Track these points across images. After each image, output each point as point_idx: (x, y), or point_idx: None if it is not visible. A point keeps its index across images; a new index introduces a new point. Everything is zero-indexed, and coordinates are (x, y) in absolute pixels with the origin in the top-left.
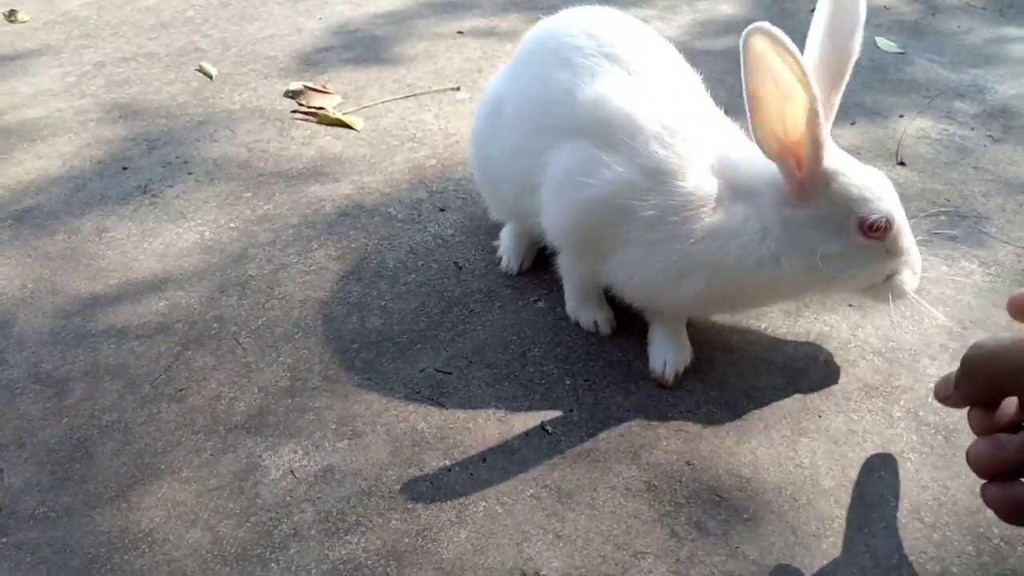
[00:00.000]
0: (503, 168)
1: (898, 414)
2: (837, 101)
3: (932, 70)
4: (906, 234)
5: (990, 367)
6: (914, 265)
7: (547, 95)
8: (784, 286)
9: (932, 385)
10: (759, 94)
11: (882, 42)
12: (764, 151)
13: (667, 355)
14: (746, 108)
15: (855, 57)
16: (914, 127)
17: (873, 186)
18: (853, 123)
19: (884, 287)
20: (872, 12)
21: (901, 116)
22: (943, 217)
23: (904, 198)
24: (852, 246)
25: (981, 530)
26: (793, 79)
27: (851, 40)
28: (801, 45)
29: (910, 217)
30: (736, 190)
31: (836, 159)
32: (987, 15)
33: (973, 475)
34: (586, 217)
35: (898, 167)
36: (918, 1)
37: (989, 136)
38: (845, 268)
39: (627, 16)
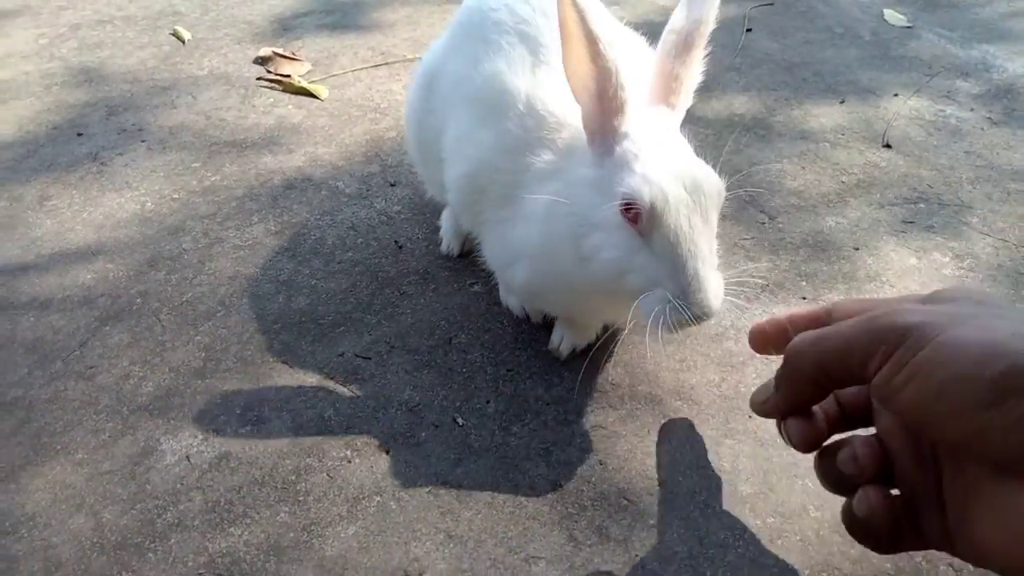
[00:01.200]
0: (433, 145)
1: None
2: (689, 72)
3: (939, 46)
4: (682, 243)
5: (815, 351)
6: (688, 295)
7: (461, 69)
8: (571, 271)
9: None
10: (564, 25)
11: (889, 14)
12: (571, 88)
13: (566, 330)
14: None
15: (709, 27)
16: (908, 107)
17: (654, 165)
18: (842, 101)
19: (653, 300)
20: None
21: (895, 95)
22: (922, 205)
23: (883, 184)
24: (611, 222)
25: None
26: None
27: (704, 7)
28: (801, 19)
29: (886, 204)
30: (565, 157)
31: (640, 122)
32: None
33: None
34: (458, 193)
35: (883, 149)
36: None
37: (988, 118)
38: (601, 248)
39: None
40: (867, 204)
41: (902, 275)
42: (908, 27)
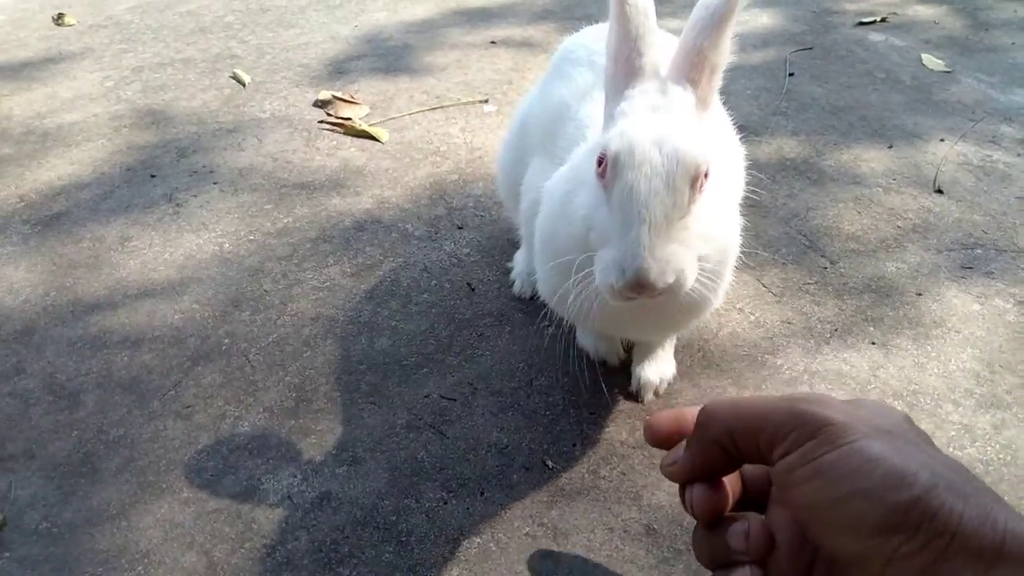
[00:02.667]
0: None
1: None
2: (716, 49)
3: (979, 90)
4: (632, 201)
5: (726, 416)
6: (621, 252)
7: (539, 108)
8: (566, 241)
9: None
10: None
11: (928, 59)
12: (606, 55)
13: (643, 372)
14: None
15: (740, 5)
16: (955, 152)
17: (636, 124)
18: (890, 146)
19: (600, 259)
20: (920, 27)
21: (942, 140)
22: (979, 251)
23: (939, 229)
24: (591, 178)
25: None
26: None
27: None
28: (841, 64)
29: (944, 249)
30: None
31: (646, 92)
32: None
33: None
34: (528, 227)
35: (935, 195)
36: (969, 15)
37: None
38: (579, 206)
39: None
40: (924, 249)
41: (967, 320)
42: (947, 72)
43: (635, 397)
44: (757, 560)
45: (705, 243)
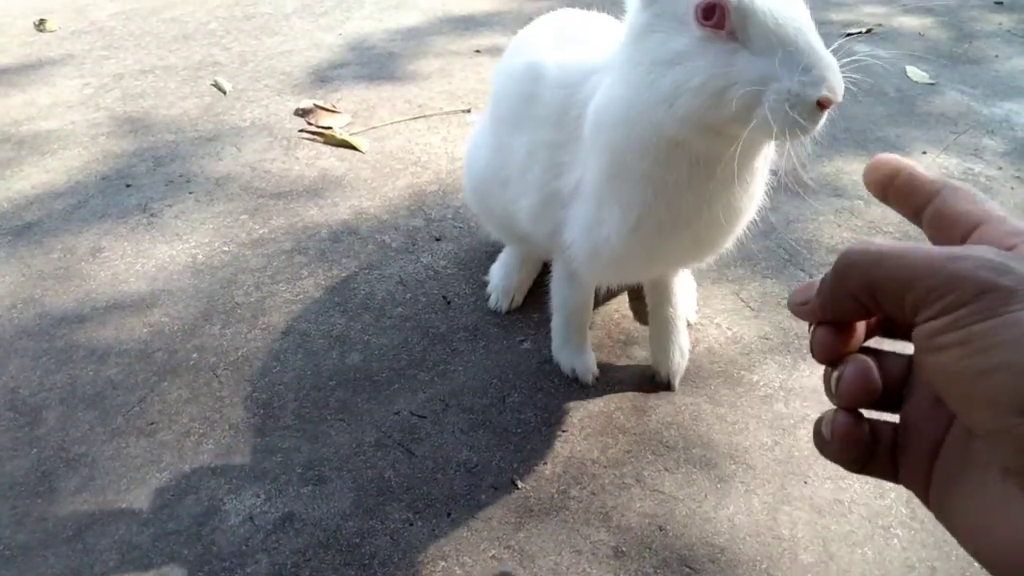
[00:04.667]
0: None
1: (889, 484)
2: None
3: (962, 103)
4: (782, 21)
5: (868, 272)
6: (812, 68)
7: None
8: (646, 121)
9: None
10: None
11: (912, 71)
12: None
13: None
14: None
15: None
16: (937, 165)
17: None
18: None
19: (777, 109)
20: (905, 39)
21: (924, 152)
22: None
23: (919, 241)
24: (693, 47)
25: None
26: None
27: None
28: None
29: None
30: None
31: None
32: None
33: (964, 555)
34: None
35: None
36: (954, 27)
37: (1017, 177)
38: (688, 76)
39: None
40: None
41: None
42: (931, 83)
43: (666, 385)
44: (849, 407)
45: None
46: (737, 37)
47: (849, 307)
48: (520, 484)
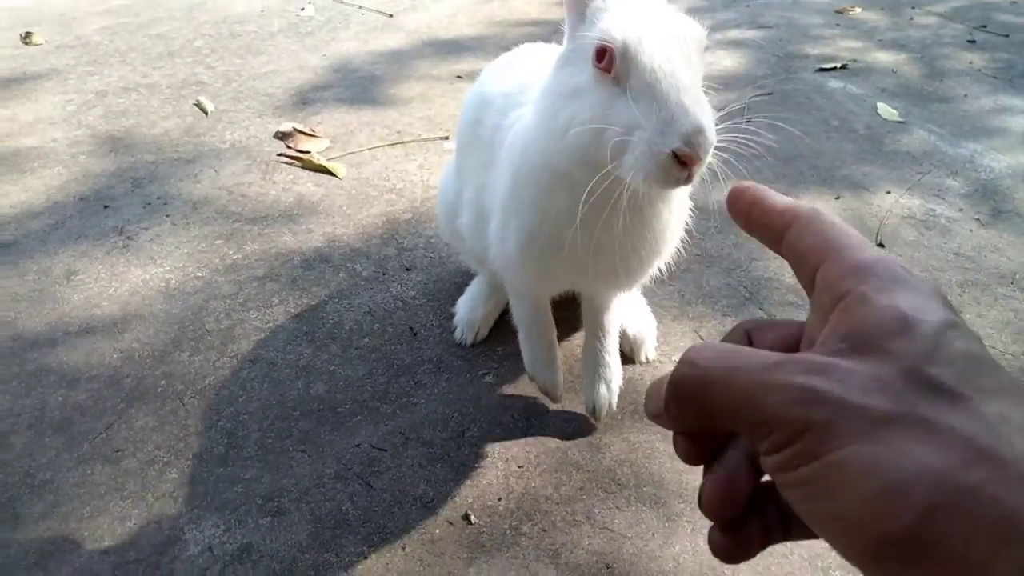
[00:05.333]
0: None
1: None
2: None
3: (929, 142)
4: (660, 78)
5: (703, 398)
6: (670, 122)
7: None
8: (540, 149)
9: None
10: None
11: (883, 108)
12: None
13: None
14: None
15: None
16: (900, 205)
17: (627, 11)
18: (838, 197)
19: (640, 155)
20: (878, 74)
21: (888, 192)
22: None
23: None
24: (586, 84)
25: None
26: None
27: None
28: (797, 110)
29: None
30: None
31: None
32: (995, 83)
33: None
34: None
35: (876, 249)
36: (926, 63)
37: (976, 219)
38: (578, 112)
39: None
40: None
41: None
42: (900, 121)
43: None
44: (717, 521)
45: None
46: (620, 82)
47: (698, 424)
48: (474, 519)
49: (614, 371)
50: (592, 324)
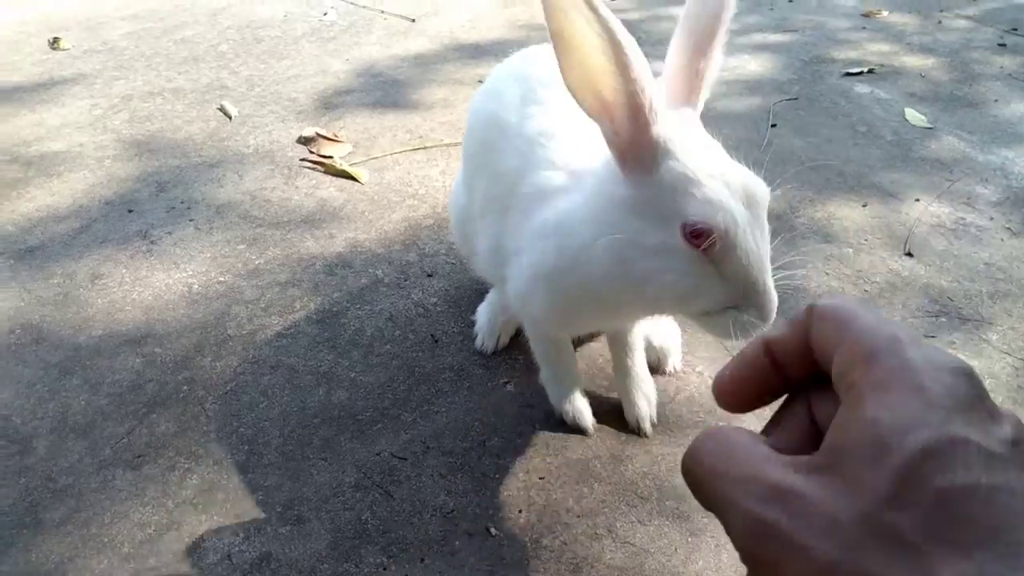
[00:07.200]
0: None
1: None
2: (708, 66)
3: (959, 148)
4: (753, 263)
5: (694, 489)
6: (762, 308)
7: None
8: (607, 288)
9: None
10: (563, 33)
11: (911, 114)
12: (579, 103)
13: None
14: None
15: (730, 12)
16: (929, 213)
17: (710, 182)
18: (865, 205)
19: (722, 320)
20: (906, 79)
21: (917, 200)
22: (943, 319)
23: (905, 294)
24: (671, 249)
25: None
26: (597, 22)
27: None
28: (824, 116)
29: (908, 315)
30: (578, 175)
31: (676, 133)
32: None
33: None
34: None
35: (905, 258)
36: (956, 68)
37: (1008, 228)
38: (660, 273)
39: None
40: (889, 315)
41: None
42: (929, 128)
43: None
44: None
45: None
46: (709, 253)
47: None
48: (494, 531)
49: (650, 384)
50: (619, 342)
